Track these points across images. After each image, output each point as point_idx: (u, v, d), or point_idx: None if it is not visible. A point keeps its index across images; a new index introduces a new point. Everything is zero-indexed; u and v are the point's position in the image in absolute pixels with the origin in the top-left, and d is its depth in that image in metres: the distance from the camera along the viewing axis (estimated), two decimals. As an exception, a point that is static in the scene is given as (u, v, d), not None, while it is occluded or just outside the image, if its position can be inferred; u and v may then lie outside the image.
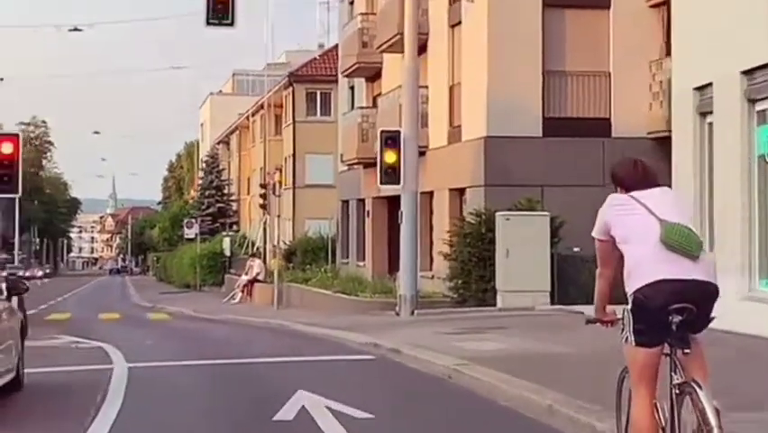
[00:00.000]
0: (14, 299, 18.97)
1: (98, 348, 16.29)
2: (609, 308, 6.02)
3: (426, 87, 28.08)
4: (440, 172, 27.37)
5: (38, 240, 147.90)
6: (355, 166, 36.64)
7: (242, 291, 36.31)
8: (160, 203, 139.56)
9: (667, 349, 5.56)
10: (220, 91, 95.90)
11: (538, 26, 24.48)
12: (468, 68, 26.07)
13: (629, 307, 5.52)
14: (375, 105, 35.48)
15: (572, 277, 20.75)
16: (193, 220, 57.16)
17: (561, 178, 24.16)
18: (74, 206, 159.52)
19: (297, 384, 10.70)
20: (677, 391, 5.51)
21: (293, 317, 23.33)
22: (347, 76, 37.51)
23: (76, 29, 53.52)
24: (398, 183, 21.69)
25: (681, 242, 5.46)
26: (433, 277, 26.53)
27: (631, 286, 5.51)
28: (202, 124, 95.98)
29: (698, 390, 5.33)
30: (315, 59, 52.75)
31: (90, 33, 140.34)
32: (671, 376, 5.56)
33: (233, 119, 72.64)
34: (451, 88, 27.59)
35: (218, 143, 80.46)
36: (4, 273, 19.55)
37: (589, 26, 24.76)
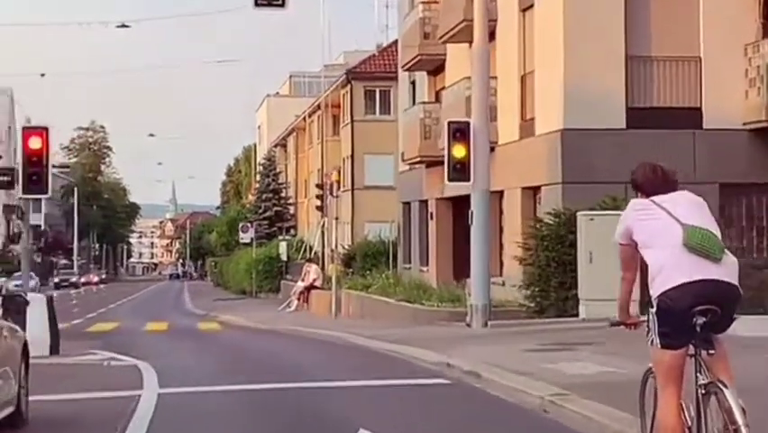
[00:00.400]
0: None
1: (132, 367, 14.35)
2: (633, 310, 6.19)
3: (495, 77, 25.82)
4: (511, 170, 25.15)
5: (97, 245, 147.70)
6: (417, 165, 34.56)
7: (299, 299, 34.35)
8: (218, 208, 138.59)
9: (692, 350, 5.68)
10: (277, 93, 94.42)
11: (620, 6, 22.19)
12: (541, 55, 23.87)
13: (654, 310, 5.65)
14: (438, 99, 33.40)
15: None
16: (248, 224, 55.42)
17: (647, 174, 21.85)
18: (133, 211, 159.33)
19: (359, 420, 8.68)
20: (703, 392, 5.62)
21: (352, 329, 21.29)
22: (408, 70, 35.42)
23: (123, 25, 51.93)
24: (468, 180, 19.55)
25: (703, 244, 5.58)
26: (503, 283, 24.32)
27: (655, 290, 5.64)
28: (259, 127, 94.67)
29: (724, 389, 5.45)
30: (373, 55, 50.78)
31: (138, 30, 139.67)
32: (696, 377, 5.66)
33: (290, 121, 71.08)
34: (522, 78, 25.39)
35: (275, 146, 79.02)
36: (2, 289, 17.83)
37: (676, 6, 22.40)
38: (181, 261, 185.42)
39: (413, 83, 37.11)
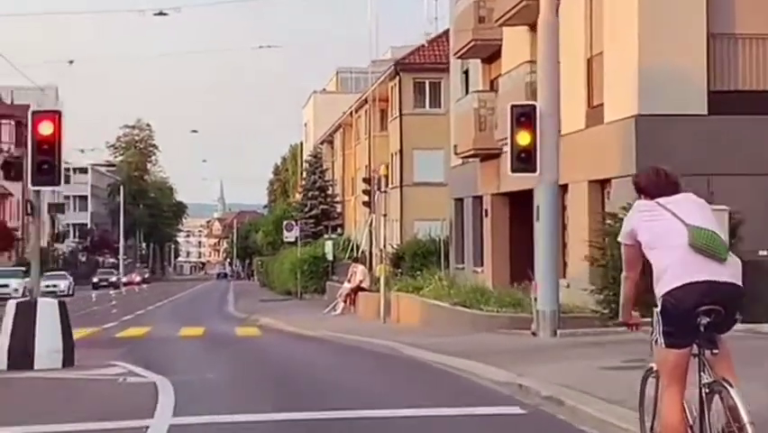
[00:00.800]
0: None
1: (149, 386, 12.34)
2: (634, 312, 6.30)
3: (558, 62, 23.69)
4: (576, 161, 22.88)
5: (144, 244, 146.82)
6: (470, 159, 32.45)
7: (345, 301, 32.27)
8: (265, 206, 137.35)
9: (695, 350, 5.75)
10: (323, 89, 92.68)
11: (701, -22, 19.94)
12: (612, 34, 21.63)
13: (658, 309, 5.76)
14: (493, 88, 31.25)
15: (760, 287, 16.13)
16: (293, 222, 53.45)
17: (732, 164, 19.62)
18: (180, 210, 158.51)
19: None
20: (707, 391, 5.70)
21: (404, 336, 19.19)
22: (460, 57, 33.28)
23: (161, 13, 50.13)
24: (534, 170, 17.37)
25: (709, 245, 5.68)
26: (568, 286, 22.15)
27: (660, 289, 5.75)
28: (305, 124, 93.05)
29: (728, 388, 5.53)
30: (422, 46, 48.65)
31: (176, 17, 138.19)
32: (699, 376, 5.73)
33: (337, 118, 69.27)
34: (589, 61, 23.16)
35: (321, 143, 77.28)
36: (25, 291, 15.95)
37: (765, -23, 20.11)
38: (228, 260, 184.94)
39: (465, 72, 34.97)
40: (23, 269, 52.42)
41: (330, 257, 46.17)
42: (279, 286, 57.44)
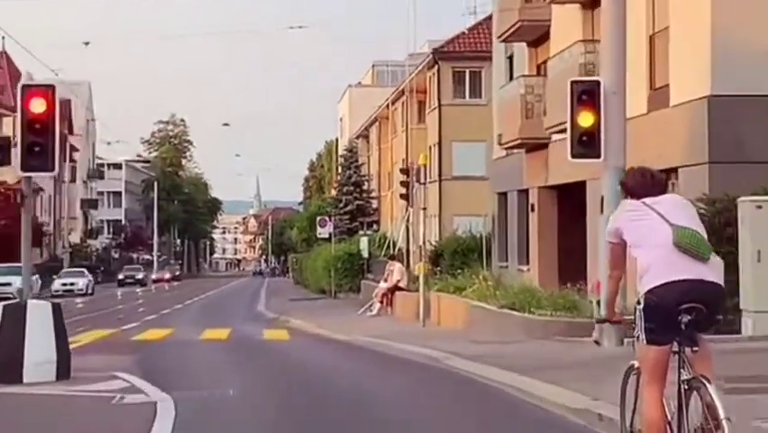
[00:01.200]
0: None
1: (148, 406, 10.38)
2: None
3: (624, 32, 21.54)
4: (636, 149, 20.49)
5: (178, 241, 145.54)
6: (515, 150, 30.31)
7: (381, 301, 30.15)
8: (300, 203, 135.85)
9: (676, 347, 5.89)
10: (359, 83, 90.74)
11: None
12: (679, 7, 19.40)
13: (641, 306, 5.91)
14: (540, 73, 29.09)
15: None
16: (326, 218, 51.42)
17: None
18: (215, 206, 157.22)
19: None
20: (686, 387, 5.85)
21: (447, 343, 17.08)
22: (504, 41, 31.10)
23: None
24: (597, 155, 15.22)
25: (692, 244, 5.83)
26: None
27: (643, 286, 5.89)
28: (341, 119, 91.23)
29: (706, 384, 5.68)
30: (462, 33, 46.43)
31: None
32: (679, 373, 5.88)
33: (373, 112, 67.35)
34: (651, 38, 20.94)
35: (357, 137, 75.36)
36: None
37: None
38: (264, 257, 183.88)
39: (510, 58, 32.78)
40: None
41: (365, 254, 44.06)
42: (313, 284, 55.51)
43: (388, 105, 60.22)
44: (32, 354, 12.95)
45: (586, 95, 15.08)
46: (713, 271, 5.85)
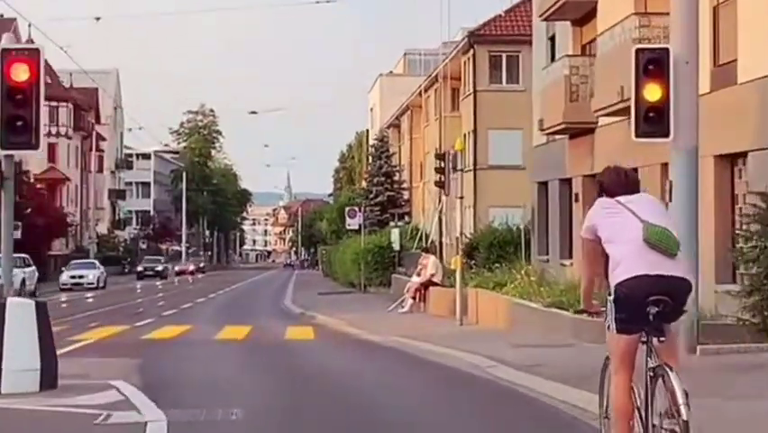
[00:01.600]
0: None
1: (136, 428, 8.51)
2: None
3: (667, 13, 19.56)
4: (699, 132, 18.69)
5: (207, 232, 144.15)
6: (557, 136, 28.34)
7: (413, 297, 28.22)
8: (330, 195, 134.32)
9: (644, 337, 6.23)
10: (390, 72, 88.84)
11: None
12: (749, -29, 17.38)
13: (612, 298, 6.30)
14: (585, 53, 27.11)
15: None
16: (355, 209, 49.56)
17: None
18: (244, 197, 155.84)
19: None
20: (651, 374, 6.20)
21: (489, 346, 15.18)
22: (546, 19, 29.07)
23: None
24: (666, 134, 13.24)
25: (661, 240, 6.15)
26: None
27: (614, 279, 6.24)
28: (371, 109, 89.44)
29: (669, 372, 6.02)
30: (499, 16, 44.33)
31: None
32: (646, 361, 6.22)
33: (405, 101, 65.51)
34: (714, 9, 18.91)
35: (388, 127, 73.49)
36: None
37: None
38: (294, 249, 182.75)
39: (551, 38, 30.78)
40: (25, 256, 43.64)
41: (396, 247, 42.15)
42: (342, 277, 53.72)
43: (420, 93, 58.30)
44: (12, 361, 11.16)
45: (653, 64, 13.09)
46: (680, 266, 6.19)
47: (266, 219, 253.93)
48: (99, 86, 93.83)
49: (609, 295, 6.35)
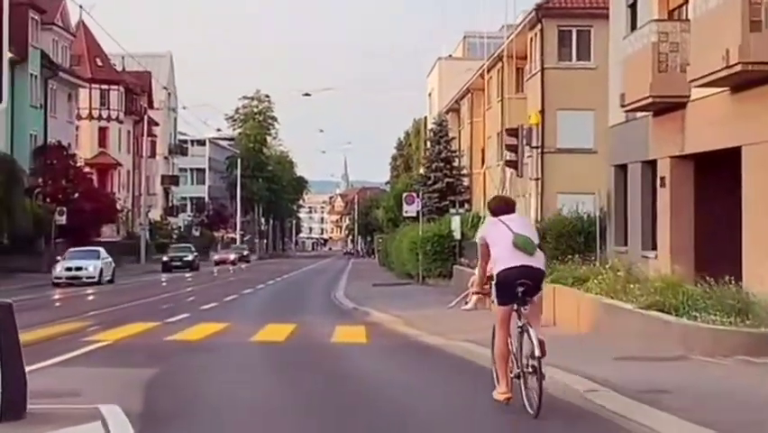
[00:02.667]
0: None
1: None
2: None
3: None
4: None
5: (263, 220, 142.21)
6: (639, 114, 25.30)
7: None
8: (387, 183, 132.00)
9: (515, 307, 9.70)
10: (450, 56, 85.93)
11: None
12: None
13: (495, 282, 9.84)
14: (673, 17, 24.07)
15: None
16: (413, 194, 46.71)
17: None
18: (300, 185, 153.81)
19: None
20: (519, 330, 9.67)
21: (578, 359, 12.22)
22: (629, -17, 26.00)
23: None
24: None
25: (524, 244, 9.64)
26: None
27: (495, 269, 9.74)
28: (429, 94, 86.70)
29: (530, 329, 9.50)
30: (570, -13, 41.17)
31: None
32: (517, 321, 9.69)
33: (464, 85, 62.50)
34: None
35: (447, 112, 70.64)
36: None
37: None
38: (351, 237, 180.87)
39: (631, 5, 27.68)
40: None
41: (457, 235, 39.19)
42: (398, 267, 50.94)
43: (482, 74, 55.28)
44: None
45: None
46: (537, 260, 9.69)
47: (322, 207, 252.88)
48: (152, 69, 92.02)
49: (493, 280, 9.88)
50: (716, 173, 22.16)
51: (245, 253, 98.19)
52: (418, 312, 23.59)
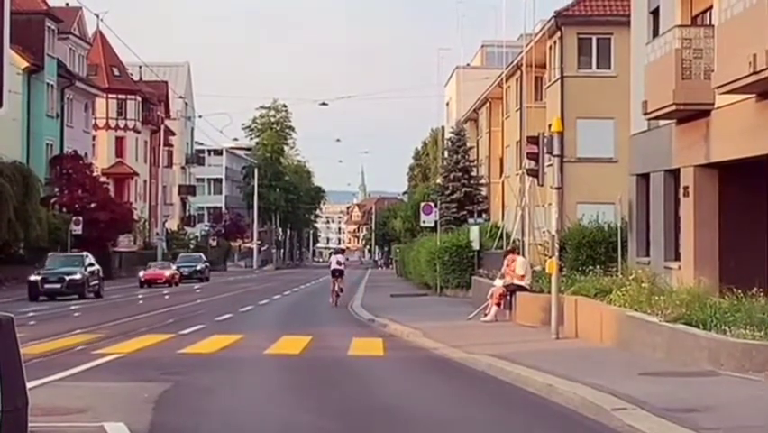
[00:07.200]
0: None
1: None
2: None
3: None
4: None
5: (280, 230, 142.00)
6: (661, 122, 24.83)
7: (498, 304, 24.80)
8: (405, 192, 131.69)
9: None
10: (467, 65, 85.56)
11: None
12: None
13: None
14: (696, 23, 23.62)
15: None
16: (431, 204, 46.29)
17: None
18: (317, 195, 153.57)
19: None
20: (336, 291, 34.03)
21: (604, 374, 11.78)
22: (651, -11, 25.55)
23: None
24: None
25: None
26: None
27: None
28: (447, 103, 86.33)
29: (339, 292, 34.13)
30: (590, -6, 40.75)
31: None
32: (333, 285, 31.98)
33: (482, 94, 62.07)
34: None
35: (464, 121, 70.23)
36: None
37: None
38: (368, 247, 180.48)
39: (654, 12, 27.23)
40: None
41: (476, 246, 38.77)
42: (416, 277, 50.48)
43: (500, 83, 54.87)
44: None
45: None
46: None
47: (340, 217, 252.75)
48: (169, 79, 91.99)
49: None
50: (741, 182, 21.69)
51: (199, 266, 67.33)
52: (437, 324, 23.13)
